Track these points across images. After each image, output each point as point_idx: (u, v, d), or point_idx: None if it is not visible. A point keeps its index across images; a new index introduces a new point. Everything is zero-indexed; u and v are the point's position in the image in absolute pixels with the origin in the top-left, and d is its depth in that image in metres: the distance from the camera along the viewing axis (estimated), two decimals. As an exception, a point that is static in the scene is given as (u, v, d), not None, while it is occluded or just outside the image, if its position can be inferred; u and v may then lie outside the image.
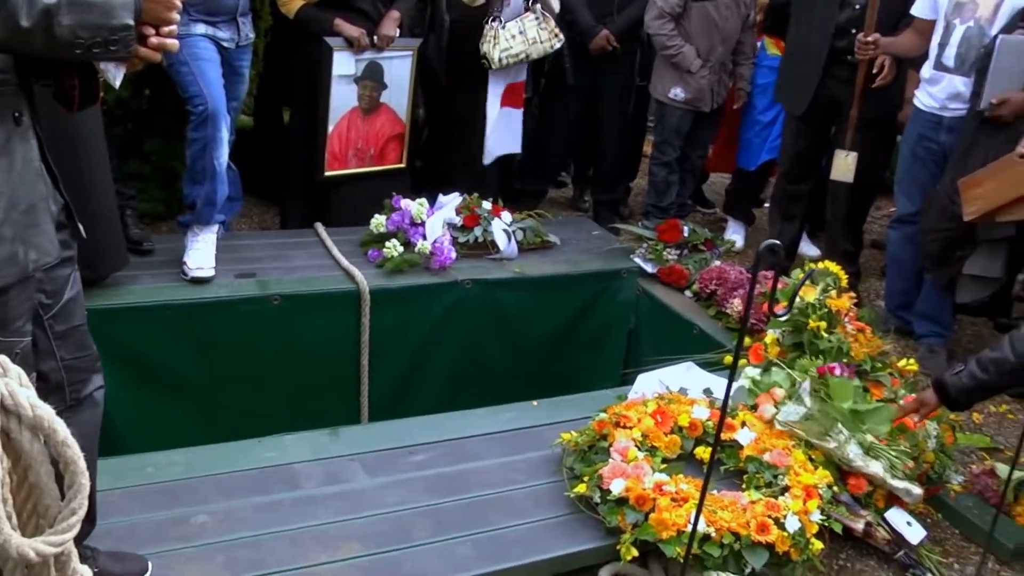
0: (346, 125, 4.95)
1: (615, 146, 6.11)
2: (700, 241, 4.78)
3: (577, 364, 4.61)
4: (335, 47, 4.74)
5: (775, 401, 3.20)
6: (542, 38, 5.30)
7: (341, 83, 4.84)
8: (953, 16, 4.32)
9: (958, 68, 4.32)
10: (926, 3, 4.48)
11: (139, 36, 1.81)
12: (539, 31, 5.28)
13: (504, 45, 5.18)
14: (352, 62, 4.84)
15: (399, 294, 4.20)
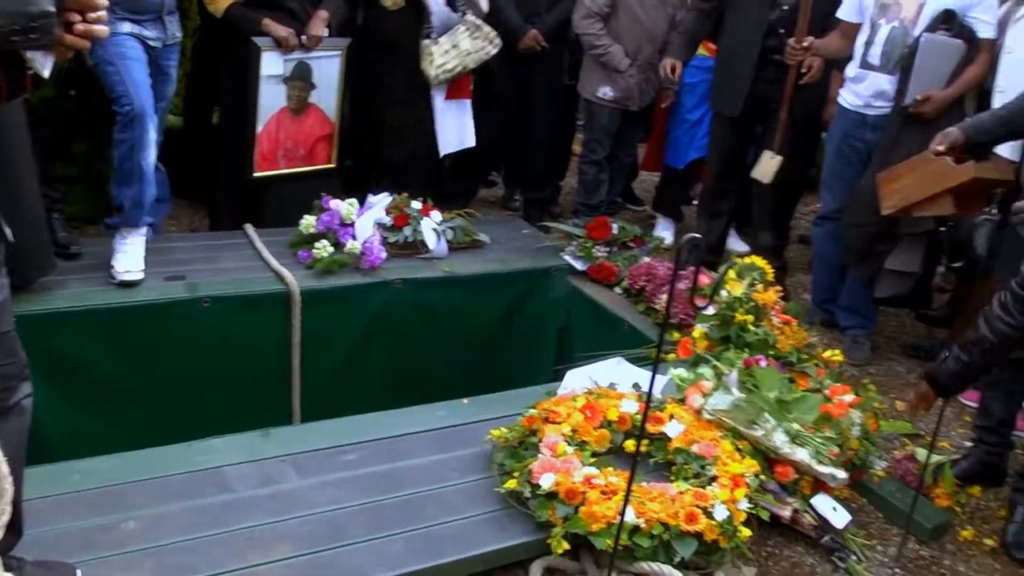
0: (275, 125, 4.92)
1: (544, 145, 6.15)
2: (629, 238, 4.84)
3: (509, 361, 4.64)
4: (263, 47, 4.71)
5: (703, 392, 3.25)
6: (476, 47, 5.31)
7: (270, 83, 4.80)
8: (879, 17, 4.43)
9: (883, 66, 4.43)
10: (852, 7, 4.58)
11: (64, 23, 1.76)
12: (472, 41, 5.28)
13: (439, 62, 5.18)
14: (280, 62, 4.81)
15: (330, 295, 4.19)
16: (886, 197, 3.99)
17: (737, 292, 3.75)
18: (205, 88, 5.32)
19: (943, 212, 3.78)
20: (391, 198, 4.69)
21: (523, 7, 5.77)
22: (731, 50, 5.18)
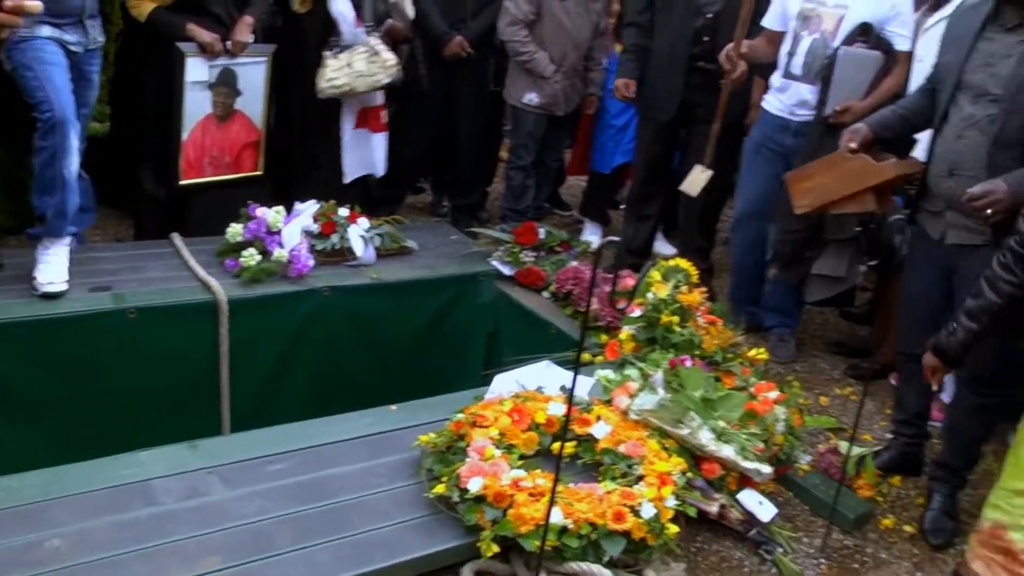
0: (200, 132, 4.87)
1: (471, 151, 6.17)
2: (556, 243, 4.87)
3: (439, 367, 4.65)
4: (188, 52, 4.66)
5: (629, 393, 3.29)
6: (368, 71, 5.17)
7: (195, 90, 4.76)
8: (801, 29, 4.55)
9: (805, 76, 4.55)
10: (776, 16, 4.69)
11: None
12: (367, 64, 5.16)
13: (329, 76, 5.09)
14: (205, 68, 4.77)
15: (257, 303, 4.16)
16: (798, 196, 3.98)
17: (662, 294, 3.80)
18: (130, 94, 5.21)
19: (864, 208, 3.82)
20: (318, 205, 4.67)
21: (448, 14, 5.78)
22: (660, 58, 5.24)
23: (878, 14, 4.38)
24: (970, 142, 3.29)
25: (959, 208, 3.32)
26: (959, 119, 3.33)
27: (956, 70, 3.32)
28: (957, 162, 3.32)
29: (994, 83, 3.21)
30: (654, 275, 3.94)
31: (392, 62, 5.23)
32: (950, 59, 3.39)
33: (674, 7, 5.09)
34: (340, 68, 5.08)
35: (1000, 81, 3.20)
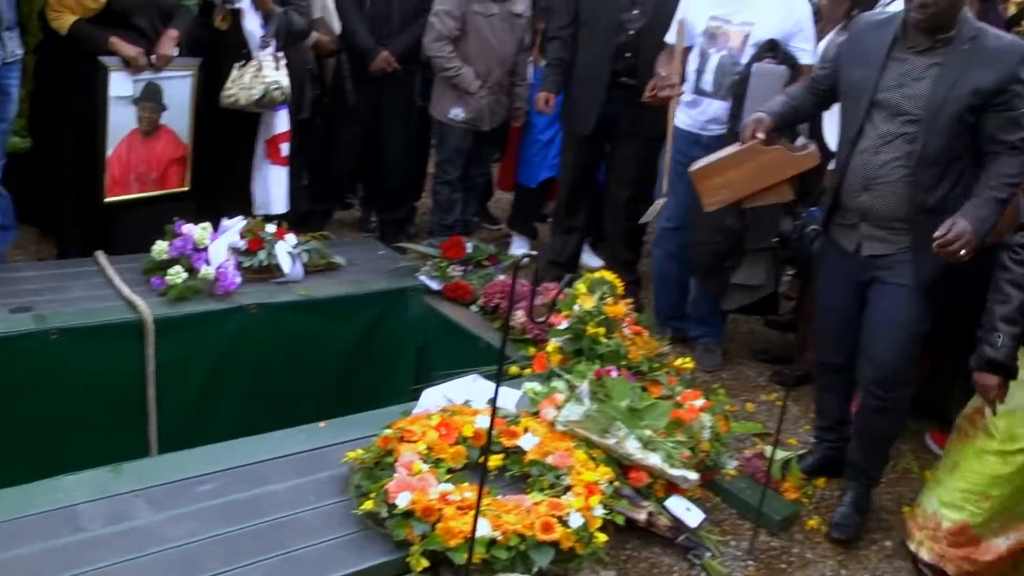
0: (125, 148, 4.80)
1: (398, 166, 6.18)
2: (484, 257, 4.89)
3: (368, 383, 4.64)
4: (111, 66, 4.58)
5: (556, 405, 3.32)
6: (251, 85, 5.07)
7: (119, 104, 4.69)
8: (708, 46, 4.65)
9: (715, 93, 4.66)
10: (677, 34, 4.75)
11: None
12: (252, 79, 5.06)
13: (226, 86, 5.04)
14: (130, 82, 4.70)
15: (184, 322, 4.10)
16: (708, 194, 3.79)
17: (588, 306, 3.84)
18: (52, 109, 5.08)
19: (782, 199, 3.77)
20: (245, 222, 4.64)
21: (375, 29, 5.80)
22: (583, 72, 5.31)
23: (783, 30, 4.53)
24: (887, 158, 3.36)
25: (873, 221, 3.45)
26: (876, 136, 3.38)
27: (870, 88, 3.38)
28: (874, 178, 3.39)
29: (910, 103, 3.30)
30: (580, 287, 3.99)
31: (271, 79, 5.08)
32: (861, 76, 3.44)
33: (597, 23, 5.16)
34: (235, 80, 5.04)
35: (917, 102, 3.29)
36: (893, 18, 3.44)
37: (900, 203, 3.37)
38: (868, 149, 3.41)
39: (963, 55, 3.24)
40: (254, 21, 5.06)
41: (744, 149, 3.62)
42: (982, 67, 3.21)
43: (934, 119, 3.25)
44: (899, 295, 3.46)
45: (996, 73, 3.19)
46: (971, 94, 3.20)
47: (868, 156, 3.41)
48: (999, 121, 3.23)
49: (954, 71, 3.24)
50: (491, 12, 5.62)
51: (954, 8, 3.23)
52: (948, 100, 3.23)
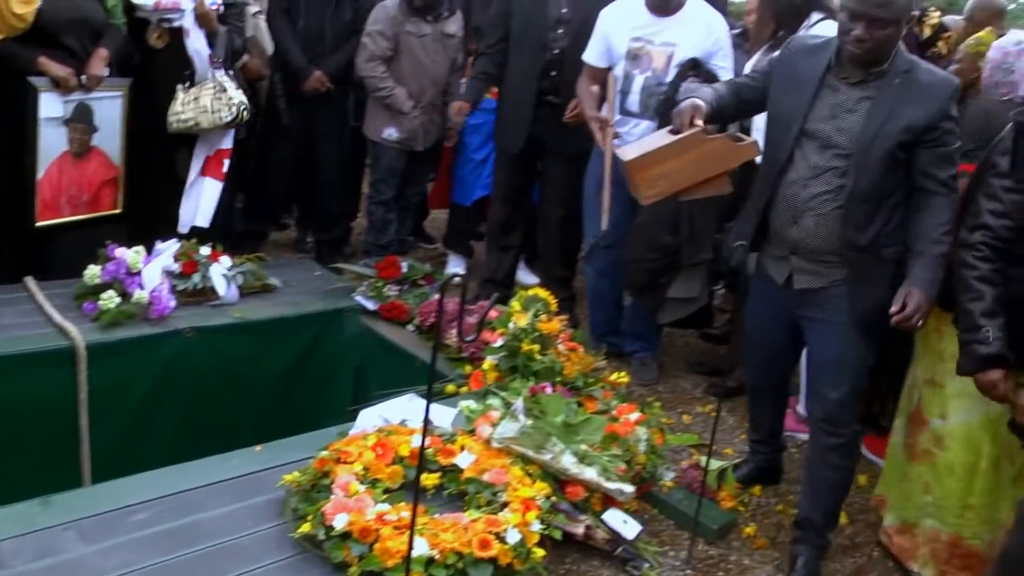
0: (56, 171, 4.73)
1: (333, 186, 6.18)
2: (419, 276, 4.91)
3: (306, 405, 4.62)
4: (41, 87, 4.51)
5: (491, 422, 3.34)
6: (214, 108, 5.06)
7: (49, 126, 4.61)
8: (632, 68, 4.69)
9: (642, 113, 4.70)
10: (599, 53, 4.80)
11: None
12: (213, 101, 5.06)
13: (177, 109, 5.03)
14: (60, 103, 4.63)
15: (117, 348, 4.05)
16: (645, 186, 3.39)
17: (522, 323, 3.88)
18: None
19: (721, 192, 3.49)
20: (179, 245, 4.60)
21: (308, 48, 5.80)
22: (512, 90, 5.36)
23: (704, 49, 4.60)
24: (817, 191, 3.27)
25: (804, 254, 3.37)
26: (805, 168, 3.30)
27: (800, 116, 3.29)
28: (803, 211, 3.30)
29: (841, 136, 3.23)
30: (514, 305, 4.03)
31: (237, 100, 5.11)
32: (792, 103, 3.34)
33: (526, 42, 5.21)
34: (187, 103, 5.02)
35: (848, 135, 3.22)
36: (828, 44, 3.35)
37: (832, 237, 3.29)
38: (797, 181, 3.32)
39: (895, 89, 3.17)
40: (200, 40, 5.05)
41: (687, 137, 3.27)
42: (914, 103, 3.14)
43: (865, 154, 3.17)
44: (839, 333, 3.38)
45: (927, 110, 3.13)
46: (903, 130, 3.14)
47: (797, 188, 3.31)
48: (930, 157, 3.17)
49: (886, 106, 3.17)
50: (424, 32, 5.65)
51: (889, 43, 3.15)
52: (879, 136, 3.15)
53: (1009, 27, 5.41)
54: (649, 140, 3.51)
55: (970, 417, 3.42)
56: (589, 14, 4.92)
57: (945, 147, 3.18)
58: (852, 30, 3.12)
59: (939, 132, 3.15)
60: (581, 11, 5.04)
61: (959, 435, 3.45)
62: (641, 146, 3.44)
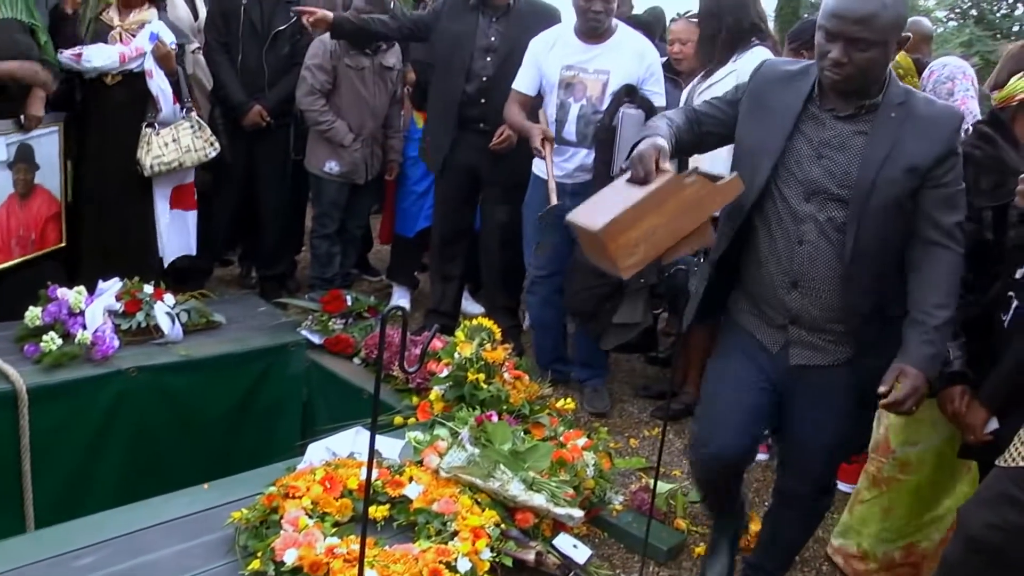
0: (5, 214, 4.72)
1: (276, 221, 6.18)
2: (364, 309, 4.93)
3: (254, 442, 4.60)
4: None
5: (439, 452, 3.36)
6: (196, 146, 5.28)
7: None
8: (566, 96, 4.73)
9: (580, 142, 4.74)
10: (529, 80, 4.84)
11: None
12: (193, 139, 5.26)
13: (156, 152, 5.11)
14: (3, 147, 4.63)
15: (60, 390, 4.00)
16: (623, 255, 2.68)
17: (467, 353, 3.91)
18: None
19: (705, 243, 2.91)
20: (121, 284, 4.58)
21: (247, 83, 5.81)
22: (435, 114, 5.48)
23: (637, 76, 4.66)
24: (813, 250, 2.86)
25: (806, 325, 2.97)
26: (793, 221, 2.87)
27: (774, 152, 2.87)
28: (801, 273, 2.89)
29: (834, 181, 2.80)
30: (459, 335, 4.06)
31: (213, 138, 5.34)
32: (763, 137, 2.92)
33: (450, 67, 5.27)
34: (166, 144, 5.12)
35: (843, 180, 2.78)
36: (807, 70, 2.93)
37: (835, 304, 2.88)
38: (789, 236, 2.89)
39: (893, 124, 2.76)
40: (163, 80, 5.15)
41: (662, 187, 2.67)
42: (916, 138, 2.74)
43: (865, 203, 2.75)
44: (836, 418, 3.03)
45: (932, 146, 2.73)
46: (907, 172, 2.73)
47: (792, 245, 2.89)
48: (933, 199, 2.76)
49: (884, 144, 2.75)
50: (362, 65, 5.69)
51: (875, 68, 2.73)
52: (881, 180, 2.73)
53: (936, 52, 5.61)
54: (609, 197, 2.77)
55: (939, 439, 3.47)
56: (517, 42, 4.99)
57: (949, 188, 2.76)
58: (829, 52, 2.70)
59: (944, 171, 2.75)
60: (509, 39, 5.11)
61: (930, 458, 3.53)
62: (604, 207, 2.70)
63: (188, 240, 5.60)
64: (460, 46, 5.21)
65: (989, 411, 2.98)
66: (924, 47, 6.05)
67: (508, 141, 4.99)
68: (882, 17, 2.61)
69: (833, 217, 2.80)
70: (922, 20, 6.74)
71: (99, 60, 5.01)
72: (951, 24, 22.79)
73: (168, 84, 5.18)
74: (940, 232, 2.75)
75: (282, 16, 5.81)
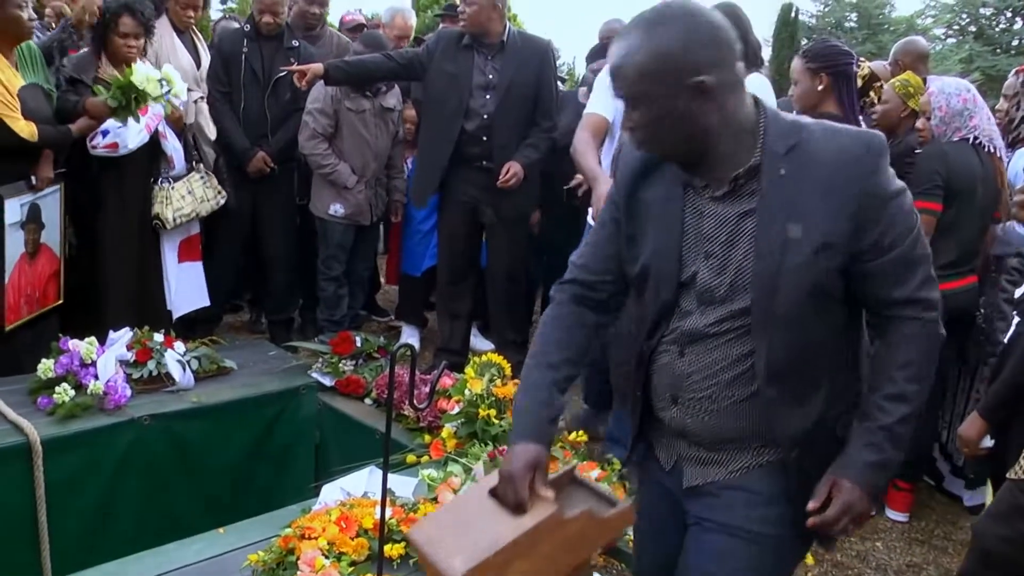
0: (17, 274, 4.78)
1: (283, 265, 6.23)
2: (373, 349, 4.94)
3: (268, 486, 4.60)
4: (6, 195, 4.58)
5: (453, 488, 3.37)
6: (208, 196, 5.42)
7: (11, 232, 4.67)
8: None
9: None
10: (606, 104, 4.53)
11: None
12: (205, 190, 5.38)
13: (176, 205, 5.22)
14: (18, 208, 4.69)
15: (74, 440, 4.01)
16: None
17: (477, 389, 3.92)
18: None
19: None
20: (131, 333, 4.61)
21: (249, 130, 5.88)
22: (426, 151, 5.56)
23: None
24: (700, 364, 2.16)
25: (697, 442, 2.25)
26: (680, 331, 2.17)
27: (674, 259, 2.14)
28: (682, 388, 2.19)
29: (722, 283, 2.08)
30: (469, 372, 4.07)
31: (220, 187, 5.49)
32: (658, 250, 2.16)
33: (444, 107, 5.34)
34: (183, 197, 5.26)
35: (736, 279, 2.06)
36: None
37: (739, 427, 2.16)
38: (671, 349, 2.21)
39: (785, 187, 2.00)
40: (175, 139, 5.33)
41: (539, 525, 2.06)
42: (821, 194, 1.98)
43: (769, 306, 2.02)
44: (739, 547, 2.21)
45: (844, 197, 1.98)
46: (819, 252, 1.99)
47: (672, 358, 2.20)
48: (875, 272, 2.04)
49: (778, 219, 2.00)
50: (363, 108, 5.75)
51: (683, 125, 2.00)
52: (785, 274, 2.00)
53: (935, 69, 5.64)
54: (471, 521, 2.16)
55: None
56: (515, 78, 5.04)
57: (892, 252, 2.02)
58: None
59: (876, 229, 2.00)
60: (507, 75, 5.16)
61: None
62: (463, 537, 2.10)
63: (201, 292, 5.65)
64: (456, 85, 5.26)
65: (987, 425, 2.98)
66: (921, 66, 6.09)
67: (516, 179, 5.02)
68: (645, 67, 1.96)
69: (736, 327, 2.09)
70: (917, 39, 6.78)
71: (134, 142, 5.12)
72: (950, 41, 22.83)
73: (179, 142, 5.30)
74: (897, 306, 2.07)
75: (282, 63, 5.88)
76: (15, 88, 4.63)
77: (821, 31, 25.47)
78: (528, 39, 5.38)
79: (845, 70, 4.36)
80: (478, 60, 5.27)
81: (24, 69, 4.79)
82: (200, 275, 5.66)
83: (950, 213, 4.37)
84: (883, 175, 2.01)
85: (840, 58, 4.38)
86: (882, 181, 2.00)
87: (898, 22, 25.63)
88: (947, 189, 4.33)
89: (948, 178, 4.32)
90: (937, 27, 23.19)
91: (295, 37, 6.06)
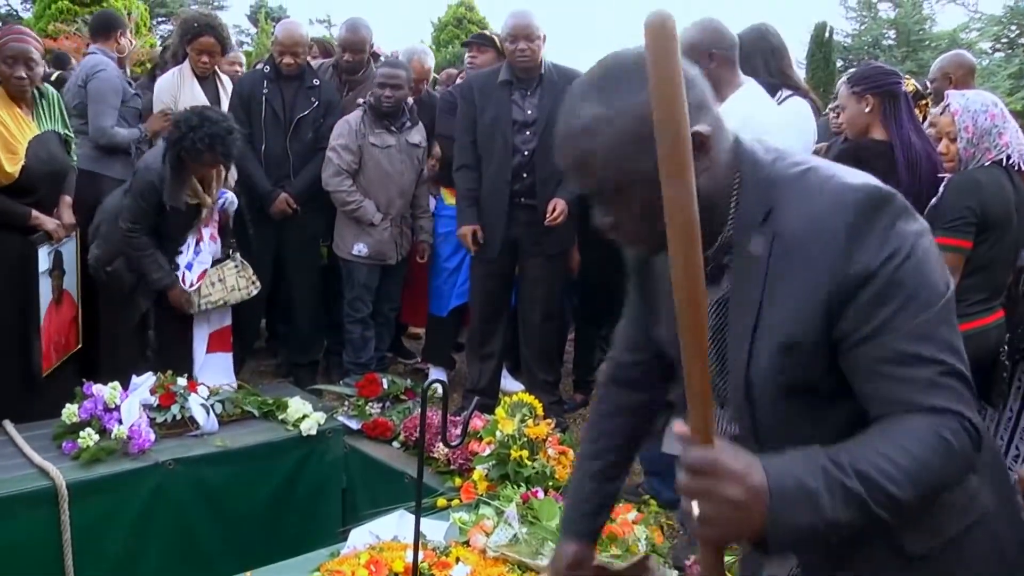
0: (48, 321, 4.80)
1: (307, 308, 6.16)
2: (401, 391, 4.86)
3: (295, 530, 4.50)
4: (39, 243, 4.62)
5: (485, 532, 3.27)
6: (240, 285, 5.33)
7: (42, 279, 4.70)
8: None
9: None
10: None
11: None
12: (238, 279, 5.31)
13: (204, 292, 5.15)
14: (45, 256, 4.71)
15: (99, 485, 3.97)
16: None
17: (509, 430, 3.83)
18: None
19: None
20: (155, 378, 4.56)
21: (272, 171, 5.84)
22: (483, 195, 5.38)
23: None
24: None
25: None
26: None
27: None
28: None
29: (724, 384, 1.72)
30: (500, 413, 3.98)
31: (255, 277, 5.41)
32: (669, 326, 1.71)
33: (493, 149, 5.26)
34: (212, 284, 5.20)
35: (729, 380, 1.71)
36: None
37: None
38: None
39: (755, 270, 1.61)
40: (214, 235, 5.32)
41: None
42: (791, 279, 1.56)
43: (751, 411, 1.69)
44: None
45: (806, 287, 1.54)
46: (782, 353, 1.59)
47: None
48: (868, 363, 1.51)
49: (748, 311, 1.63)
50: (388, 144, 5.70)
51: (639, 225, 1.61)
52: (756, 375, 1.64)
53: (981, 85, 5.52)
54: None
55: None
56: (555, 113, 4.97)
57: (887, 334, 1.49)
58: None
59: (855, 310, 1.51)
60: (545, 112, 5.10)
61: None
62: None
63: (228, 375, 5.47)
64: (498, 126, 5.21)
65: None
66: (971, 81, 5.91)
67: (563, 216, 4.97)
68: (619, 137, 1.56)
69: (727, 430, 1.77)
70: (963, 54, 6.56)
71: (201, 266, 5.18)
72: (997, 56, 22.13)
73: (218, 233, 5.32)
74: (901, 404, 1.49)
75: (303, 103, 5.86)
76: (21, 135, 4.64)
77: (857, 51, 24.58)
78: (563, 72, 5.31)
79: (891, 89, 4.21)
80: (516, 97, 5.22)
81: (40, 118, 4.83)
82: (229, 363, 5.54)
83: (982, 249, 3.92)
84: (866, 247, 1.49)
85: (884, 77, 4.26)
86: (864, 257, 1.49)
87: (940, 37, 23.72)
88: (981, 224, 3.88)
89: (983, 212, 3.86)
90: (983, 41, 22.49)
91: (315, 76, 6.03)
